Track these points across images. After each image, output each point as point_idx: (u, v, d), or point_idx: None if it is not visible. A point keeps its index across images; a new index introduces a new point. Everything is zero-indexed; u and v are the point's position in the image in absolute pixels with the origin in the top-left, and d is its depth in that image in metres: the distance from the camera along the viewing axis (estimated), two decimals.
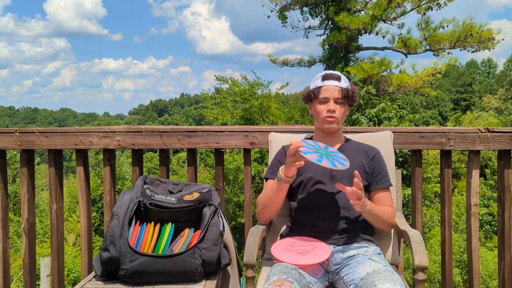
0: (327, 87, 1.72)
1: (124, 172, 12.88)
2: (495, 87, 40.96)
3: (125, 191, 1.71)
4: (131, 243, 1.52)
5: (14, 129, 2.21)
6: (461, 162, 18.92)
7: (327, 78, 1.74)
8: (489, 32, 11.43)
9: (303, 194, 1.72)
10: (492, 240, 13.09)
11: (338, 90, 1.72)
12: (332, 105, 1.70)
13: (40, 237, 9.57)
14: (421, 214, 2.17)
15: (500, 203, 2.15)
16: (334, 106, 1.70)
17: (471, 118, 28.22)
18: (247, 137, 2.17)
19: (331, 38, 12.72)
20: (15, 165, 14.31)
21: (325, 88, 1.72)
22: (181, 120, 65.53)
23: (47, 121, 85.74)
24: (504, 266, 2.13)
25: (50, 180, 2.25)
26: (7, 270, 2.26)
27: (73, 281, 6.90)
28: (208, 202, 1.66)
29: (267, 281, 1.43)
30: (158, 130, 2.19)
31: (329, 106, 1.71)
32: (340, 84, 1.73)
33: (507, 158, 2.13)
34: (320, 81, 1.75)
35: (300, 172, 1.72)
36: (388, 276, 1.39)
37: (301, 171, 1.71)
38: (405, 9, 12.46)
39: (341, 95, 1.71)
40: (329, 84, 1.72)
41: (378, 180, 1.74)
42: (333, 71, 1.77)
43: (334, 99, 1.71)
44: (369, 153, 1.78)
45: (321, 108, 1.73)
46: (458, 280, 9.26)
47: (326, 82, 1.73)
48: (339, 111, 1.72)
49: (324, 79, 1.74)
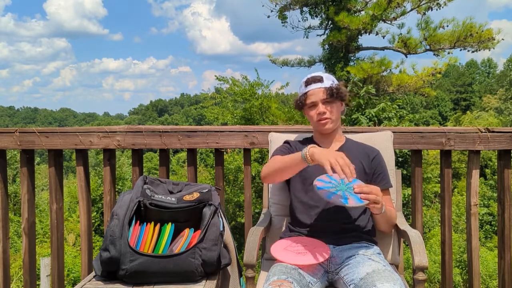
0: (312, 91, 1.74)
1: (124, 172, 12.89)
2: (495, 87, 40.95)
3: (125, 191, 1.71)
4: (131, 243, 1.52)
5: (14, 129, 2.21)
6: (461, 162, 18.92)
7: (309, 82, 1.76)
8: (489, 32, 11.44)
9: (303, 194, 1.72)
10: (492, 240, 13.08)
11: (323, 91, 1.72)
12: (321, 108, 1.71)
13: (40, 237, 9.57)
14: (421, 214, 2.17)
15: (500, 203, 2.15)
16: (323, 108, 1.71)
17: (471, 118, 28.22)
18: (247, 137, 2.17)
19: (331, 38, 12.73)
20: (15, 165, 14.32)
21: (310, 93, 1.74)
22: (181, 120, 65.54)
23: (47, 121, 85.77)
24: (504, 266, 2.13)
25: (50, 180, 2.25)
26: (7, 270, 2.26)
27: (73, 281, 6.91)
28: (208, 202, 1.66)
29: (267, 281, 1.43)
30: (158, 130, 2.19)
31: (318, 109, 1.72)
32: (323, 84, 1.73)
33: (507, 158, 2.13)
34: (304, 87, 1.77)
35: (300, 172, 1.72)
36: (387, 276, 1.39)
37: (301, 171, 1.71)
38: (405, 9, 12.47)
39: (326, 95, 1.71)
40: (313, 88, 1.74)
41: (379, 182, 1.73)
42: (315, 74, 1.78)
43: (321, 100, 1.72)
44: (369, 154, 1.77)
45: (312, 113, 1.74)
46: (458, 280, 9.26)
47: (309, 87, 1.75)
48: (330, 111, 1.72)
49: (307, 84, 1.76)
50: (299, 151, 1.71)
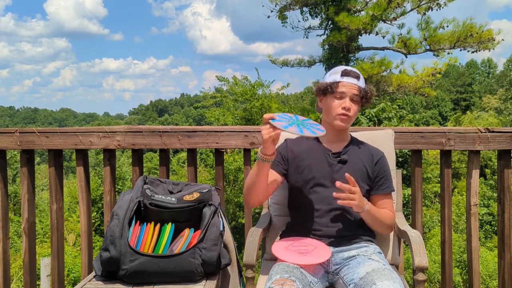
0: (346, 83, 1.66)
1: (124, 172, 12.87)
2: (495, 87, 40.96)
3: (125, 191, 1.71)
4: (131, 243, 1.52)
5: (14, 129, 2.21)
6: (461, 162, 18.91)
7: (346, 74, 1.68)
8: (489, 33, 11.44)
9: (303, 195, 1.71)
10: (492, 240, 13.07)
11: (357, 89, 1.67)
12: (348, 102, 1.65)
13: (40, 237, 9.57)
14: (421, 214, 2.17)
15: (500, 203, 2.15)
16: (349, 104, 1.65)
17: (471, 118, 28.21)
18: (247, 137, 2.17)
19: (331, 38, 12.72)
20: (15, 165, 14.31)
21: (343, 84, 1.66)
22: (181, 120, 65.54)
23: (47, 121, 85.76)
24: (504, 266, 2.13)
25: (50, 180, 2.25)
26: (7, 270, 2.26)
27: (73, 281, 6.90)
28: (208, 202, 1.66)
29: (270, 279, 1.43)
30: (158, 130, 2.19)
31: (344, 103, 1.65)
32: (358, 83, 1.68)
33: (507, 158, 2.13)
34: (339, 76, 1.68)
35: (301, 173, 1.72)
36: (387, 275, 1.39)
37: (301, 171, 1.71)
38: (405, 9, 12.46)
39: (359, 94, 1.67)
40: (348, 81, 1.67)
41: (381, 185, 1.71)
42: (353, 69, 1.72)
43: (351, 96, 1.66)
44: (374, 157, 1.74)
45: (336, 103, 1.67)
46: (458, 280, 9.26)
47: (345, 78, 1.67)
48: (353, 110, 1.67)
49: (344, 75, 1.68)
50: (294, 152, 1.74)
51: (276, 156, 1.70)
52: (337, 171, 1.68)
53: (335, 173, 1.67)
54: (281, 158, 1.75)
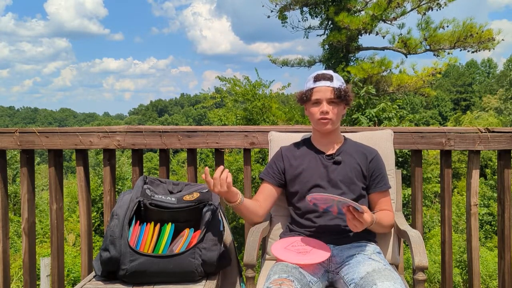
0: (319, 88, 1.69)
1: (124, 172, 12.86)
2: (495, 87, 40.95)
3: (125, 191, 1.71)
4: (131, 243, 1.52)
5: (14, 129, 2.21)
6: (461, 162, 18.91)
7: (318, 79, 1.70)
8: (489, 33, 11.44)
9: (302, 197, 1.71)
10: (492, 240, 13.06)
11: (331, 91, 1.68)
12: (325, 107, 1.67)
13: (40, 237, 9.56)
14: (421, 214, 2.17)
15: (500, 203, 2.15)
16: (327, 107, 1.67)
17: (471, 118, 28.20)
18: (247, 137, 2.17)
19: (331, 38, 12.73)
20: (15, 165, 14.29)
21: (317, 90, 1.69)
22: (181, 120, 65.52)
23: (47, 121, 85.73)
24: (504, 266, 2.13)
25: (50, 180, 2.25)
26: (7, 270, 2.26)
27: (73, 281, 6.89)
28: (208, 202, 1.66)
29: (268, 279, 1.43)
30: (158, 130, 2.19)
31: (322, 107, 1.68)
32: (332, 84, 1.69)
33: (507, 158, 2.13)
34: (312, 82, 1.71)
35: (298, 178, 1.73)
36: (388, 275, 1.40)
37: (298, 177, 1.73)
38: (405, 9, 12.46)
39: (333, 96, 1.67)
40: (321, 85, 1.69)
41: (377, 183, 1.73)
42: (326, 71, 1.74)
43: (327, 100, 1.68)
44: (367, 155, 1.75)
45: (315, 110, 1.70)
46: (458, 280, 9.25)
47: (318, 83, 1.70)
48: (333, 112, 1.68)
49: (316, 80, 1.71)
50: (290, 160, 1.77)
51: (270, 168, 1.79)
52: (332, 171, 1.71)
53: (330, 174, 1.70)
54: (277, 170, 1.78)
